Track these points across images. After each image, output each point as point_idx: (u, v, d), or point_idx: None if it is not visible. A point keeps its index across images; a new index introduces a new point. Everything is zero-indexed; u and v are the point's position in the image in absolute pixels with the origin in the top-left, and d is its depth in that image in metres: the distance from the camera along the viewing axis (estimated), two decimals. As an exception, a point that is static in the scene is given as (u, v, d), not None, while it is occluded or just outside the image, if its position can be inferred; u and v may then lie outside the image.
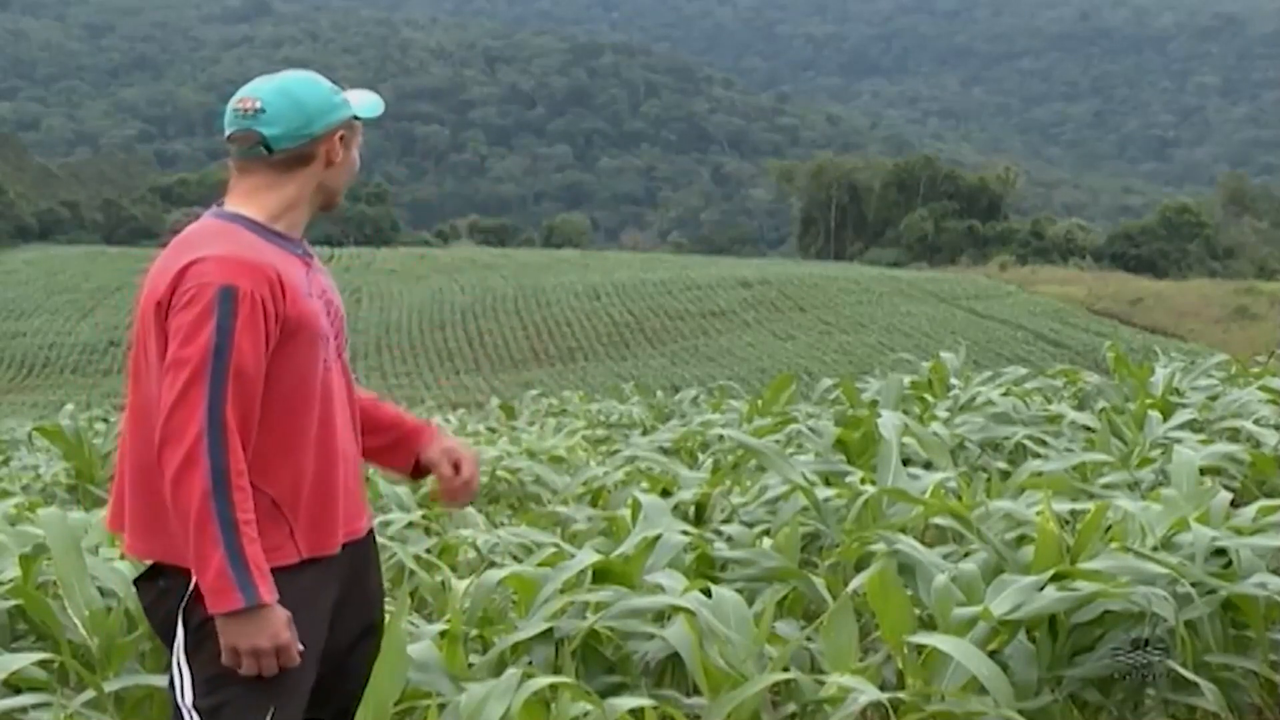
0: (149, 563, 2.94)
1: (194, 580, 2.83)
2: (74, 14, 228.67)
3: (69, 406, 12.98)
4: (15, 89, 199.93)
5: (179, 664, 2.87)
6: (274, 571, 2.82)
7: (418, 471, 3.26)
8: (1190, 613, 3.99)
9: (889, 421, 5.92)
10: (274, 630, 2.75)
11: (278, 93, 2.96)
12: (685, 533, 4.75)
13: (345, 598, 3.02)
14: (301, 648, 2.82)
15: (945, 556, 4.55)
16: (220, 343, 2.76)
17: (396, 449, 3.24)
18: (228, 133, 2.99)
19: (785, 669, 3.73)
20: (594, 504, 7.53)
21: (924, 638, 3.74)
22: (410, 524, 6.37)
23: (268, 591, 2.74)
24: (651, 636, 4.02)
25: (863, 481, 5.62)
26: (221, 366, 2.76)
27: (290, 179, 2.96)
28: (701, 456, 8.55)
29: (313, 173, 2.98)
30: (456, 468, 3.21)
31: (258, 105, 2.94)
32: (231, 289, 2.78)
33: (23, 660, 3.97)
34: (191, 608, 2.84)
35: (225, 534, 2.72)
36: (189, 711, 2.86)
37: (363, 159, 3.11)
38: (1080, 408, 9.03)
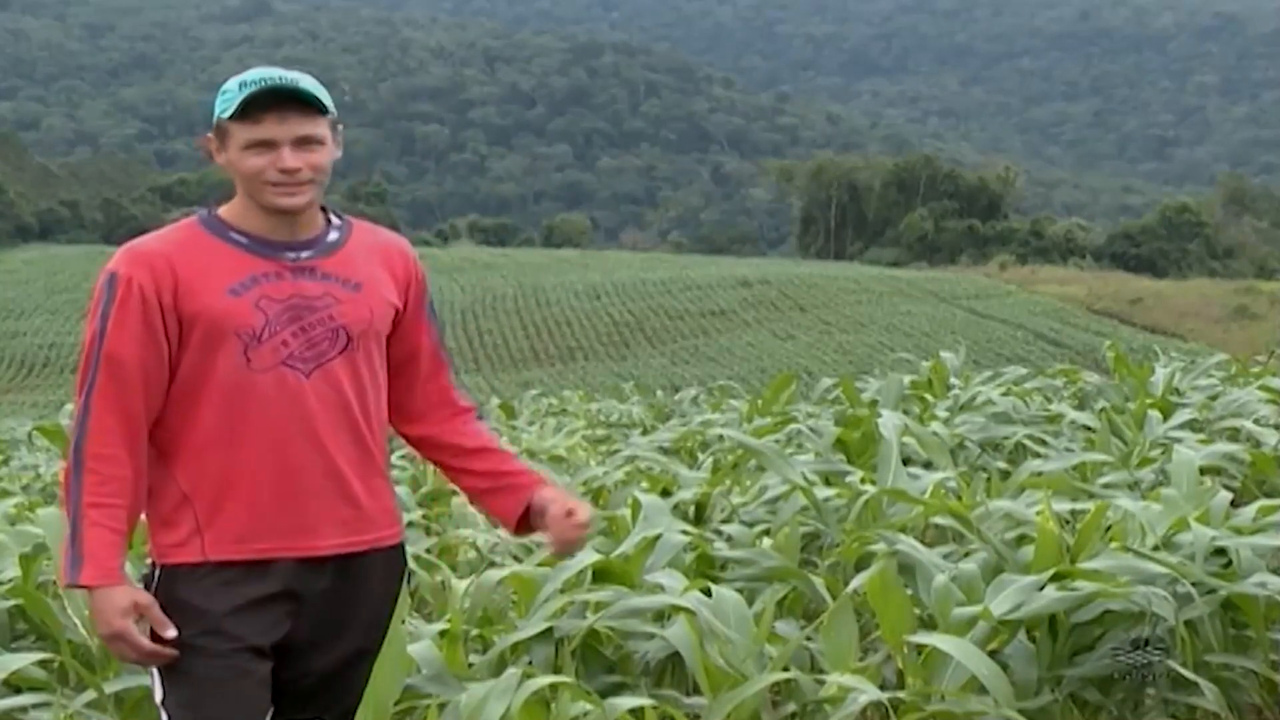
0: None
1: (158, 569, 2.89)
2: (74, 14, 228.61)
3: (69, 406, 12.96)
4: (15, 89, 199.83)
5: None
6: (176, 567, 2.86)
7: (523, 524, 3.10)
8: (1190, 612, 3.99)
9: (889, 421, 5.92)
10: (105, 617, 2.79)
11: None
12: (685, 532, 4.75)
13: (333, 614, 2.95)
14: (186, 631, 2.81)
15: (945, 556, 4.55)
16: (100, 328, 2.84)
17: (498, 494, 3.10)
18: None
19: (785, 669, 3.73)
20: (594, 504, 7.53)
21: (924, 637, 3.74)
22: (410, 524, 6.36)
23: (91, 576, 2.78)
24: (651, 636, 4.02)
25: (863, 481, 5.63)
26: (97, 351, 2.84)
27: (233, 176, 2.94)
28: (701, 456, 8.55)
29: (231, 172, 2.93)
30: (569, 513, 3.03)
31: None
32: (112, 275, 2.85)
33: (23, 660, 3.98)
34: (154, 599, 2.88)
35: (72, 513, 2.81)
36: (160, 709, 2.90)
37: (362, 159, 3.04)
38: (1080, 407, 9.05)
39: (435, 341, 3.11)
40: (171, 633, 2.82)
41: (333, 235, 2.99)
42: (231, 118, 2.85)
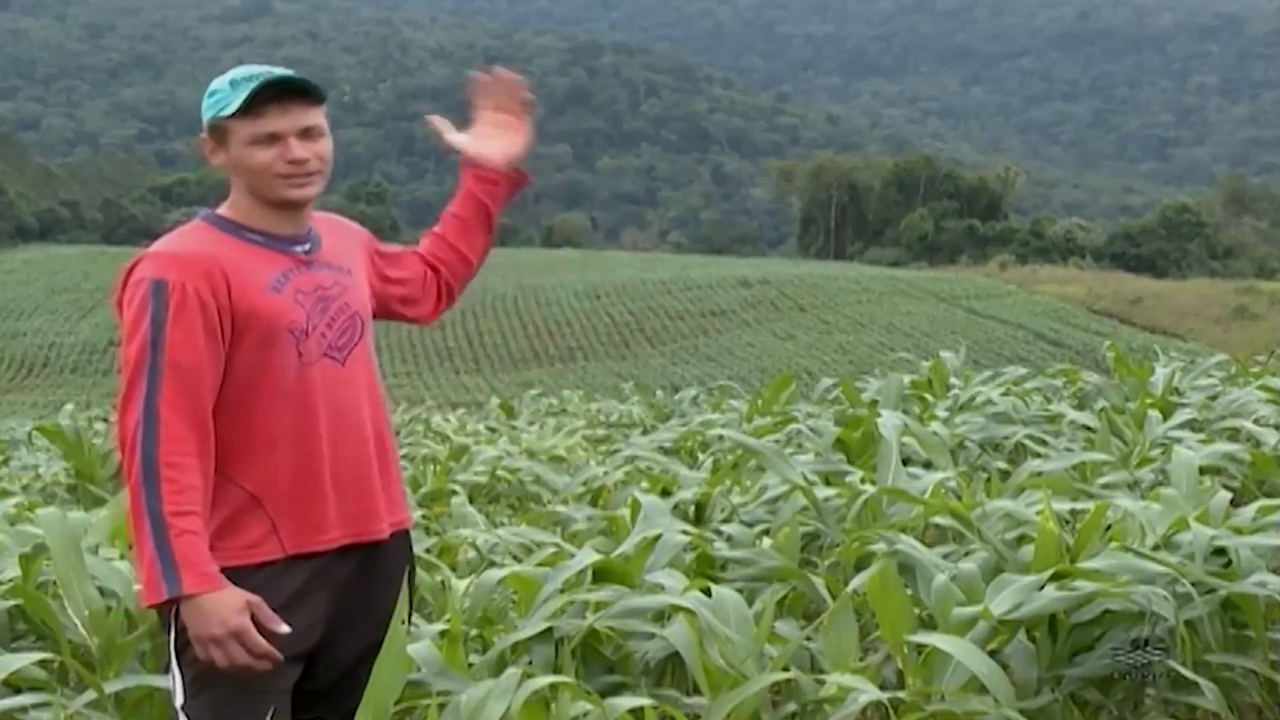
0: None
1: None
2: (74, 14, 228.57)
3: (69, 406, 12.99)
4: (15, 89, 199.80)
5: (172, 665, 2.88)
6: (257, 568, 2.84)
7: (503, 175, 3.27)
8: (1190, 612, 3.99)
9: (889, 421, 5.92)
10: (222, 617, 2.74)
11: None
12: (685, 532, 4.75)
13: (353, 606, 2.98)
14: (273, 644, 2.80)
15: (945, 556, 4.55)
16: (155, 336, 2.79)
17: (484, 199, 3.26)
18: None
19: (785, 669, 3.73)
20: (594, 504, 7.53)
21: (924, 637, 3.74)
22: (410, 524, 6.34)
23: (194, 583, 2.72)
24: (651, 636, 4.02)
25: (863, 481, 5.63)
26: (156, 360, 2.79)
27: (233, 176, 2.95)
28: (701, 456, 8.55)
29: (233, 172, 2.94)
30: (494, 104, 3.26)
31: None
32: (161, 282, 2.81)
33: (23, 660, 3.97)
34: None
35: (152, 526, 2.74)
36: (180, 713, 2.88)
37: (362, 159, 3.05)
38: (1080, 407, 9.05)
39: (403, 250, 3.26)
40: (285, 628, 2.80)
41: (312, 227, 3.04)
42: (233, 115, 2.86)
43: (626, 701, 3.51)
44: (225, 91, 2.88)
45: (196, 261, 2.84)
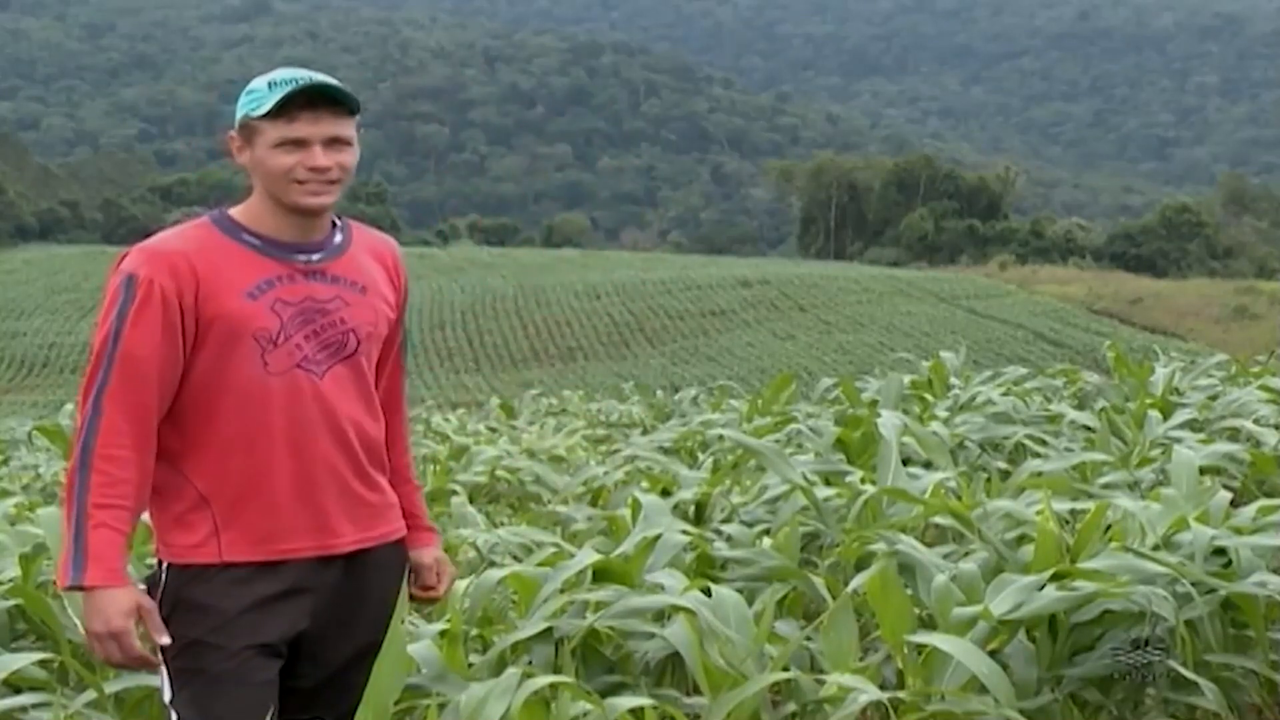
0: None
1: (165, 571, 2.89)
2: (74, 14, 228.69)
3: (69, 406, 12.98)
4: (15, 89, 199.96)
5: (161, 660, 2.90)
6: (188, 567, 2.86)
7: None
8: (1190, 612, 3.99)
9: (889, 421, 5.92)
10: (107, 615, 2.76)
11: None
12: (685, 532, 4.75)
13: (343, 608, 2.97)
14: (211, 642, 2.81)
15: (945, 556, 4.55)
16: (116, 328, 2.83)
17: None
18: None
19: (785, 669, 3.73)
20: (594, 503, 7.54)
21: (924, 637, 3.74)
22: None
23: (95, 577, 2.75)
24: (651, 636, 4.02)
25: (863, 481, 5.62)
26: (112, 351, 2.82)
27: (253, 176, 2.95)
28: (701, 456, 8.55)
29: (253, 173, 2.94)
30: (439, 578, 3.22)
31: None
32: (131, 276, 2.84)
33: (23, 660, 3.97)
34: (162, 599, 2.88)
35: (76, 514, 2.78)
36: (169, 708, 2.90)
37: (362, 159, 3.03)
38: (1080, 407, 9.05)
39: (402, 343, 3.19)
40: (166, 640, 2.82)
41: (338, 237, 3.01)
42: (264, 116, 2.86)
43: (626, 701, 3.51)
44: (262, 92, 2.88)
45: (167, 258, 2.85)
